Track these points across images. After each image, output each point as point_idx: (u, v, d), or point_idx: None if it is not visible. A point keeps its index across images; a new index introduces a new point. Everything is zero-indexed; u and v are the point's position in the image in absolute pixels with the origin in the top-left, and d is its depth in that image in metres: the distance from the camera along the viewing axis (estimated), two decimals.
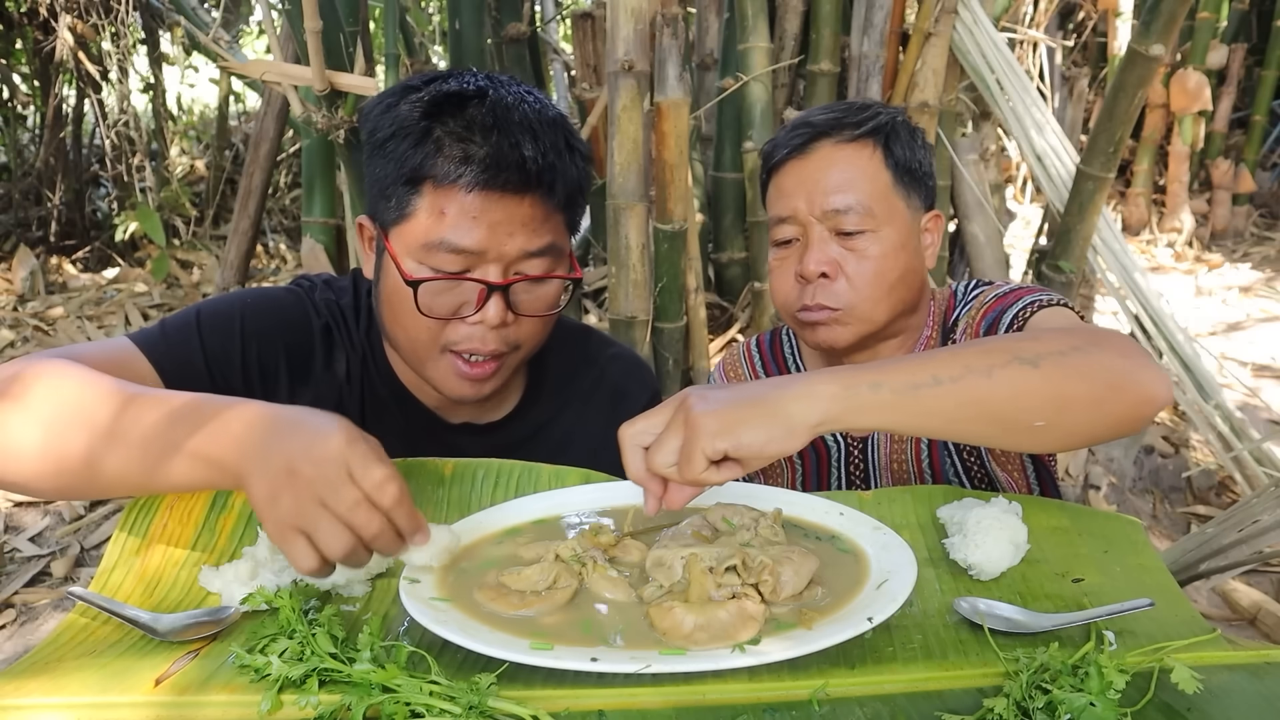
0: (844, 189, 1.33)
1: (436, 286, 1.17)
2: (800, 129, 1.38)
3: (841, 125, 1.36)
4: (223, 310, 1.28)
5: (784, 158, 1.38)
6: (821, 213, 1.34)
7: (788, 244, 1.38)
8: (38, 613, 2.66)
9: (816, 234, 1.34)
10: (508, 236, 1.16)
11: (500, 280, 1.17)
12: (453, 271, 1.16)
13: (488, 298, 1.17)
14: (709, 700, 0.82)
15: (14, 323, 4.69)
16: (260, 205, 3.85)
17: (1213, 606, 2.57)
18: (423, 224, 1.16)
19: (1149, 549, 1.10)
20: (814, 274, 1.34)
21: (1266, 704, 0.83)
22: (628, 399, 1.42)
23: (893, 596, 0.88)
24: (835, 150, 1.35)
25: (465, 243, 1.15)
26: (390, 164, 1.17)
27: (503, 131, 1.14)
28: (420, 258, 1.17)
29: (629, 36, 2.37)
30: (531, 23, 3.75)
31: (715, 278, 3.76)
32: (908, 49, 3.03)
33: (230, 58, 2.76)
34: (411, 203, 1.16)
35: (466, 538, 1.04)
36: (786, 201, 1.37)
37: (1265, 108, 5.87)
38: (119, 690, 0.84)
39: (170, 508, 1.10)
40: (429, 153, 1.14)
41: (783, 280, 1.39)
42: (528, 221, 1.17)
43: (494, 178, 1.14)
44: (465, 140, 1.14)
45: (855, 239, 1.34)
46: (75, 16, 4.13)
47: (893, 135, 1.37)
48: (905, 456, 1.45)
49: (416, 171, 1.15)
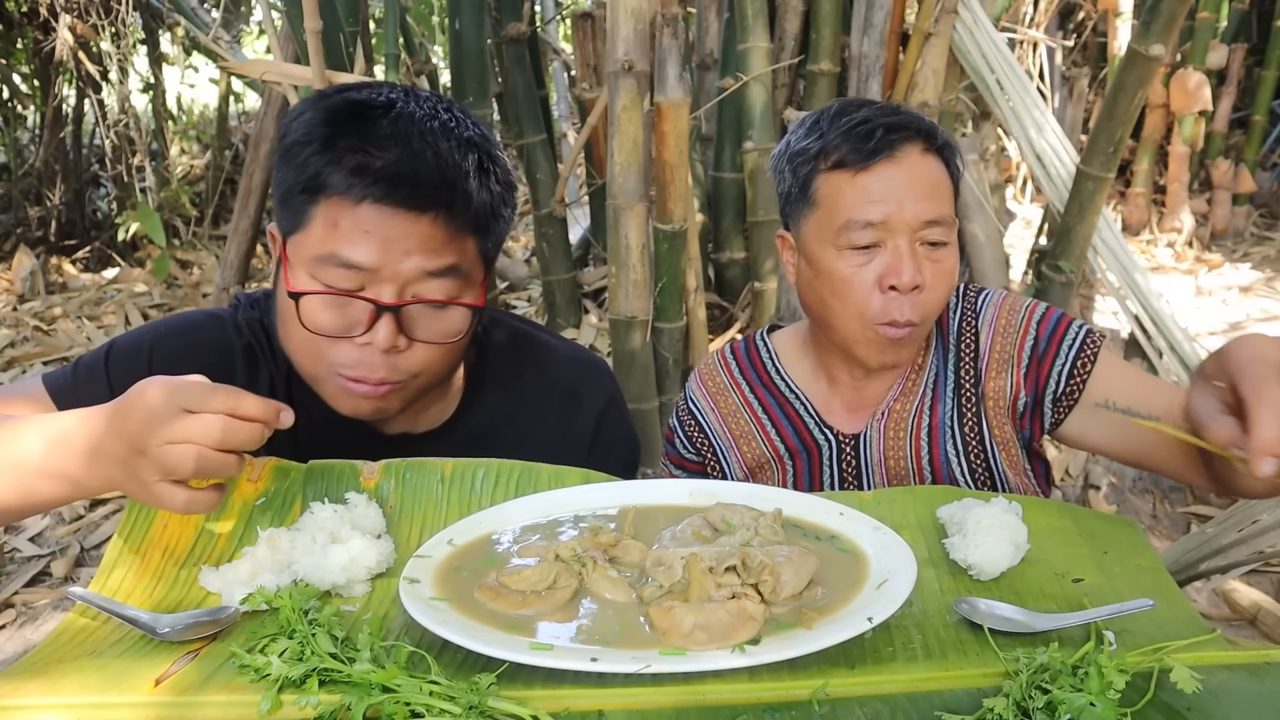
0: (934, 199, 1.30)
1: (322, 301, 1.11)
2: (889, 130, 1.30)
3: (918, 130, 1.32)
4: (133, 343, 1.27)
5: (869, 160, 1.29)
6: (919, 223, 1.28)
7: (865, 249, 1.30)
8: (38, 613, 2.66)
9: (907, 244, 1.29)
10: (404, 255, 1.09)
11: (393, 301, 1.11)
12: (344, 288, 1.10)
13: (377, 318, 1.11)
14: (709, 700, 0.82)
15: (14, 323, 4.69)
16: (260, 205, 3.85)
17: (1213, 606, 2.57)
18: (316, 235, 1.10)
19: (1149, 549, 1.10)
20: (910, 285, 1.28)
21: (1266, 704, 0.83)
22: (581, 401, 1.40)
23: (893, 596, 0.88)
24: (922, 159, 1.30)
25: (356, 258, 1.08)
26: (291, 171, 1.12)
27: (403, 145, 1.09)
28: (312, 270, 1.11)
29: (629, 36, 2.37)
30: (531, 23, 3.75)
31: (715, 278, 3.76)
32: (908, 49, 3.03)
33: (230, 58, 2.76)
34: (308, 212, 1.11)
35: (466, 538, 1.04)
36: (876, 207, 1.28)
37: (1265, 108, 5.87)
38: (119, 690, 0.84)
39: None
40: (327, 161, 1.09)
41: (859, 286, 1.30)
42: (426, 242, 1.10)
43: (389, 192, 1.08)
44: (362, 151, 1.08)
45: (937, 250, 1.31)
46: (75, 16, 4.13)
47: (953, 150, 1.36)
48: (903, 454, 1.44)
49: (314, 180, 1.10)
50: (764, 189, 3.24)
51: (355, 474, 1.16)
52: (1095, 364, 1.36)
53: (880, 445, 1.45)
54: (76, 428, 0.97)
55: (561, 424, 1.39)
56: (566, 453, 1.24)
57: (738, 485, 1.14)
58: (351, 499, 1.08)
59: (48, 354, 4.36)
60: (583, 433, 1.39)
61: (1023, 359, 1.39)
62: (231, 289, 3.79)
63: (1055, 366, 1.37)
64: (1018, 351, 1.39)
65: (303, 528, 1.02)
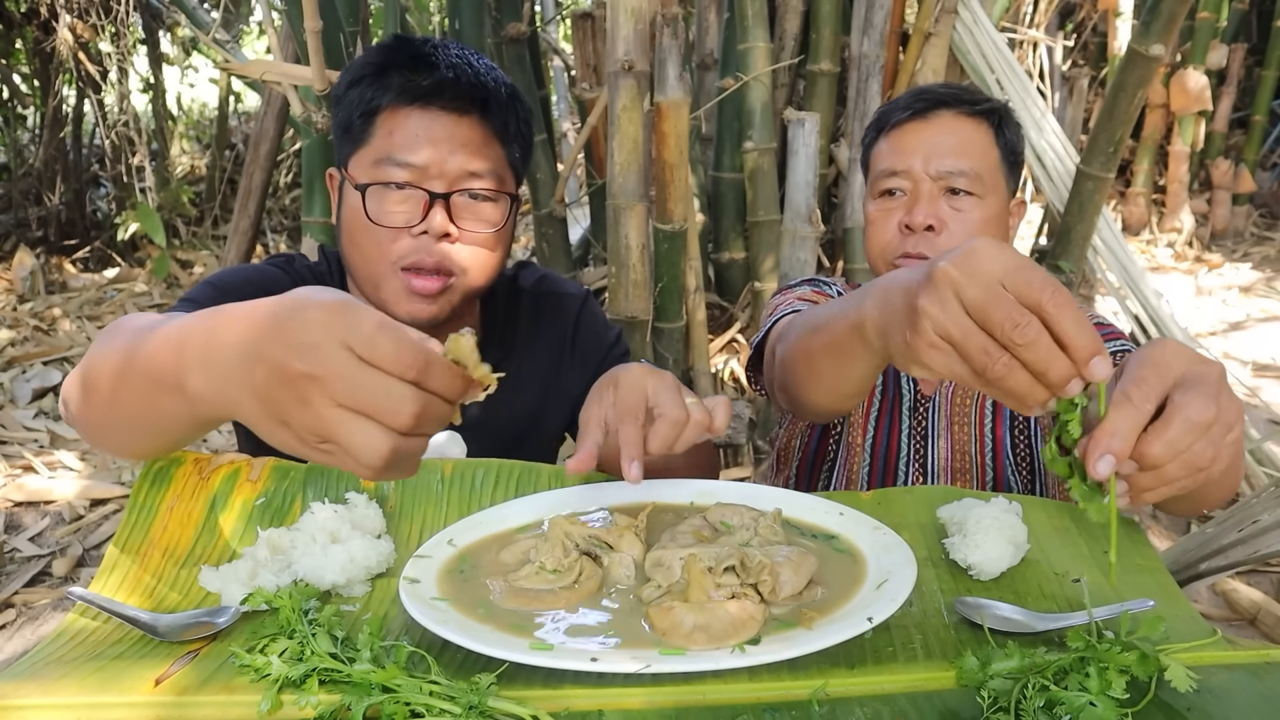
0: (960, 153, 1.41)
1: (384, 194, 1.28)
2: (923, 96, 1.47)
3: (961, 100, 1.45)
4: (251, 272, 1.41)
5: (905, 119, 1.45)
6: (937, 171, 1.41)
7: (891, 195, 1.45)
8: (38, 613, 2.66)
9: (927, 189, 1.41)
10: (449, 154, 1.28)
11: (443, 189, 1.28)
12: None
13: (430, 206, 1.27)
14: (709, 700, 0.83)
15: (14, 322, 4.69)
16: (260, 205, 3.85)
17: (1213, 606, 2.57)
18: (375, 145, 1.30)
19: (1149, 549, 1.11)
20: (921, 225, 1.39)
21: (1266, 704, 0.83)
22: (561, 309, 1.55)
23: (893, 596, 0.88)
24: (955, 120, 1.44)
25: (410, 158, 1.27)
26: (349, 106, 1.32)
27: (447, 63, 1.30)
28: (370, 175, 1.29)
29: (629, 36, 2.37)
30: (531, 23, 3.74)
31: (715, 278, 3.76)
32: (908, 49, 3.03)
33: (230, 58, 2.76)
34: (366, 131, 1.31)
35: (466, 538, 1.04)
36: (902, 157, 1.43)
37: (1265, 108, 5.87)
38: (119, 690, 0.84)
39: (170, 509, 1.10)
40: (381, 85, 1.29)
41: (883, 229, 1.44)
42: (467, 142, 1.30)
43: (434, 98, 1.28)
44: (414, 71, 1.29)
45: (962, 199, 1.41)
46: (75, 16, 4.13)
47: (1005, 119, 1.47)
48: (968, 423, 1.50)
49: (370, 103, 1.30)
50: (764, 189, 3.24)
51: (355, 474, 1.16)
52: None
53: (947, 412, 1.51)
54: (196, 330, 0.78)
55: (548, 334, 1.53)
56: (556, 358, 1.42)
57: (738, 485, 1.14)
58: (351, 499, 1.08)
59: (48, 354, 4.36)
60: (564, 335, 1.54)
61: None
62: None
63: None
64: None
65: (303, 528, 1.02)
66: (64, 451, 3.53)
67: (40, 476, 3.35)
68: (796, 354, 1.18)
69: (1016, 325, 0.74)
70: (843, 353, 1.03)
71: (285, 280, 1.40)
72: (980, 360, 0.76)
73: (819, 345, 1.09)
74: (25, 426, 3.74)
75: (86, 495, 3.25)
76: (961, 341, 0.77)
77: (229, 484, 1.13)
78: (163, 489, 1.12)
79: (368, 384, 0.69)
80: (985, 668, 0.84)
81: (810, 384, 1.16)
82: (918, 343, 0.81)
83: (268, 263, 1.45)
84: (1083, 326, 0.74)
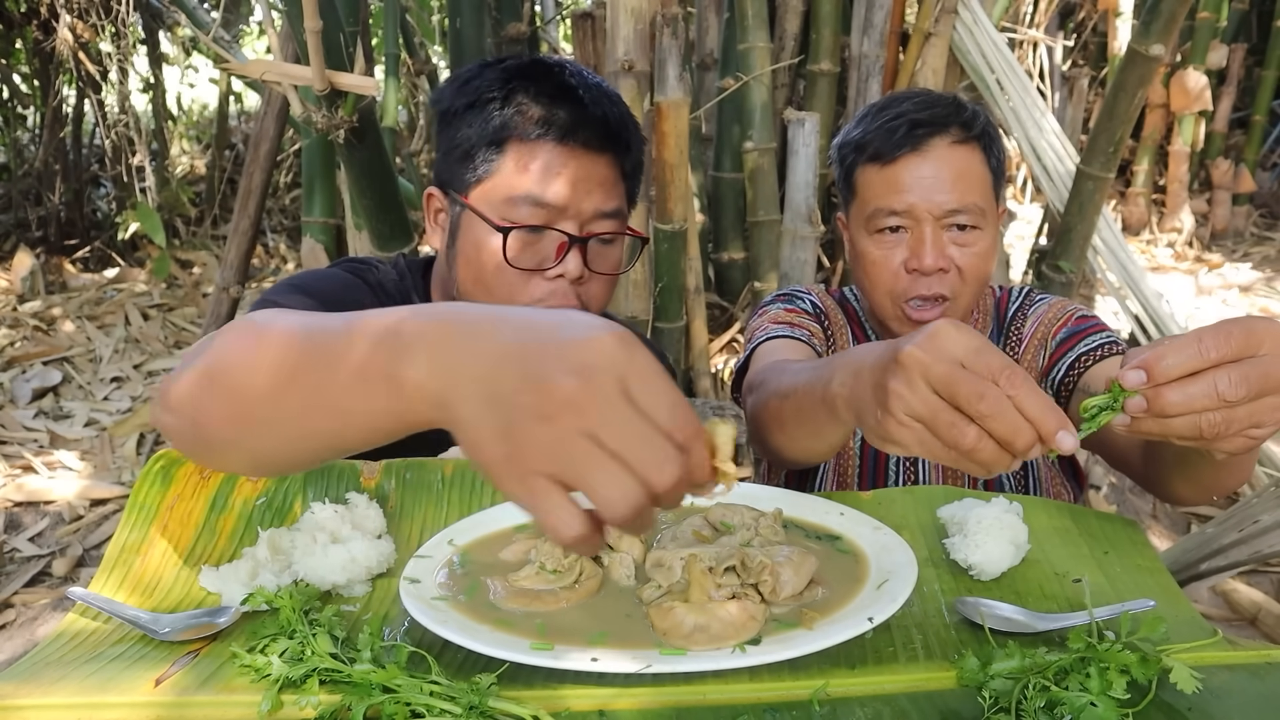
0: (962, 190, 1.38)
1: (521, 237, 1.23)
2: (914, 125, 1.38)
3: (950, 124, 1.40)
4: (332, 277, 1.33)
5: (897, 151, 1.39)
6: (942, 211, 1.38)
7: (891, 231, 1.41)
8: (38, 613, 2.66)
9: (930, 230, 1.38)
10: (585, 194, 1.24)
11: (578, 234, 1.24)
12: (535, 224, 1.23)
13: (568, 250, 1.23)
14: (709, 700, 0.82)
15: (14, 322, 4.69)
16: (260, 205, 3.84)
17: (1213, 607, 2.57)
18: (506, 180, 1.23)
19: (1149, 549, 1.11)
20: (932, 269, 1.38)
21: (1266, 704, 0.83)
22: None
23: (893, 596, 0.88)
24: (951, 150, 1.39)
25: (548, 196, 1.22)
26: (473, 129, 1.25)
27: (586, 93, 1.24)
28: (503, 212, 1.23)
29: (629, 36, 2.37)
30: (531, 23, 3.74)
31: (715, 278, 3.76)
32: (908, 49, 3.03)
33: (230, 58, 2.76)
34: (494, 161, 1.24)
35: (466, 538, 1.04)
36: (901, 196, 1.39)
37: (1265, 108, 5.87)
38: (119, 690, 0.84)
39: (170, 508, 1.10)
40: (513, 113, 1.23)
41: (886, 267, 1.42)
42: (603, 181, 1.26)
43: (576, 134, 1.22)
44: (550, 101, 1.23)
45: (966, 234, 1.39)
46: (75, 16, 4.12)
47: (992, 136, 1.45)
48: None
49: (500, 131, 1.23)
50: (764, 189, 3.24)
51: (355, 474, 1.16)
52: (1099, 363, 1.39)
53: None
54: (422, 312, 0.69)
55: None
56: None
57: (738, 485, 1.14)
58: (352, 499, 1.08)
59: (48, 354, 4.36)
60: None
61: (1050, 346, 1.48)
62: (231, 289, 3.78)
63: (1066, 357, 1.43)
64: (1050, 339, 1.48)
65: (303, 528, 1.02)
66: (64, 451, 3.53)
67: (40, 476, 3.35)
68: (768, 415, 1.19)
69: (981, 397, 0.77)
70: (813, 421, 1.06)
71: (367, 292, 1.34)
72: (950, 435, 0.79)
73: (789, 411, 1.11)
74: (25, 426, 3.74)
75: (86, 495, 3.25)
76: (930, 419, 0.80)
77: (229, 484, 1.13)
78: (163, 489, 1.12)
79: (634, 429, 0.60)
80: (986, 668, 0.84)
81: (784, 442, 1.18)
82: (888, 422, 0.84)
83: (344, 268, 1.39)
84: (1042, 403, 0.77)
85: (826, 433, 1.08)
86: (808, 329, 1.50)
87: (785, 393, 1.12)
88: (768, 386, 1.21)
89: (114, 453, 3.54)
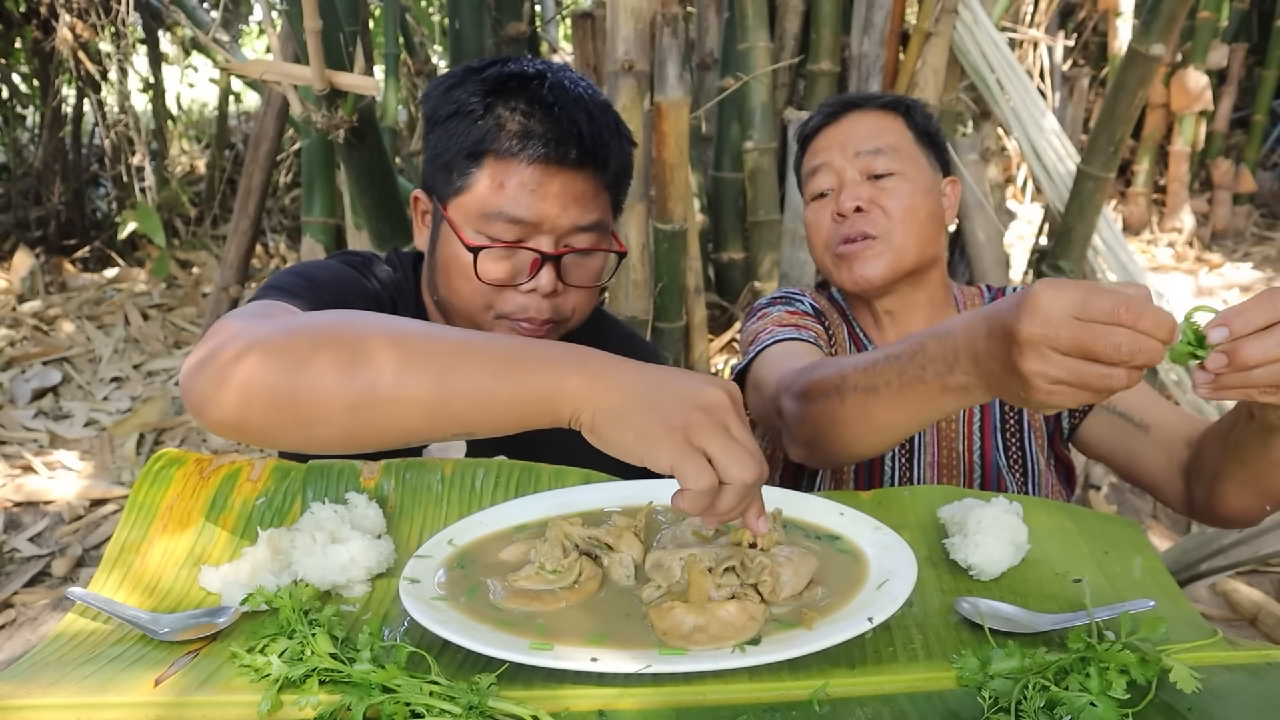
0: (873, 138, 1.48)
1: (494, 254, 1.24)
2: (830, 104, 1.55)
3: (868, 99, 1.54)
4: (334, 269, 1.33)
5: (818, 125, 1.53)
6: (854, 155, 1.47)
7: (823, 196, 1.51)
8: (38, 613, 2.66)
9: (850, 176, 1.47)
10: (562, 210, 1.24)
11: (553, 250, 1.25)
12: (509, 240, 1.23)
13: (540, 266, 1.24)
14: (709, 700, 0.82)
15: (13, 322, 4.69)
16: (260, 205, 3.85)
17: (1213, 607, 2.57)
18: (482, 195, 1.24)
19: (1149, 549, 1.10)
20: (850, 208, 1.44)
21: (1266, 704, 0.83)
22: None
23: (893, 597, 0.88)
24: (863, 115, 1.51)
25: (522, 214, 1.22)
26: (452, 139, 1.25)
27: (562, 109, 1.23)
28: (478, 227, 1.24)
29: (629, 36, 2.37)
30: (531, 22, 3.74)
31: (715, 278, 3.76)
32: (908, 49, 3.03)
33: (230, 57, 2.76)
34: (472, 175, 1.24)
35: (466, 538, 1.04)
36: (821, 155, 1.51)
37: (1266, 107, 5.87)
38: (118, 690, 0.84)
39: (170, 508, 1.10)
40: (491, 128, 1.23)
41: (819, 225, 1.50)
42: (580, 196, 1.25)
43: (553, 152, 1.22)
44: (527, 116, 1.22)
45: (886, 180, 1.46)
46: (75, 16, 4.12)
47: (912, 108, 1.54)
48: (955, 416, 1.51)
49: (478, 145, 1.23)
50: (764, 189, 3.24)
51: (355, 474, 1.16)
52: None
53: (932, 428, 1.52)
54: (565, 344, 0.91)
55: None
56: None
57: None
58: (351, 499, 1.08)
59: (48, 354, 4.36)
60: None
61: None
62: (231, 289, 3.79)
63: None
64: None
65: (303, 528, 1.02)
66: (64, 451, 3.53)
67: (40, 476, 3.35)
68: (832, 415, 1.16)
69: (1117, 348, 0.81)
70: (917, 412, 1.08)
71: (372, 288, 1.36)
72: (1102, 384, 0.83)
73: (879, 406, 1.10)
74: (25, 426, 3.74)
75: (86, 495, 3.25)
76: (1078, 380, 0.84)
77: (229, 484, 1.13)
78: (163, 489, 1.12)
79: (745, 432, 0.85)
80: (986, 668, 0.84)
81: (857, 436, 1.16)
82: (1035, 395, 0.88)
83: (342, 261, 1.39)
84: (1160, 321, 0.81)
85: (929, 419, 1.10)
86: (813, 330, 1.51)
87: (870, 387, 1.10)
88: (826, 385, 1.18)
89: (114, 453, 3.54)
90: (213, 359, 0.94)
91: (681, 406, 0.83)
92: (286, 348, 0.91)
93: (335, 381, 0.87)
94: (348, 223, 3.33)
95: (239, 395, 0.91)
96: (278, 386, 0.89)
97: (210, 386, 0.93)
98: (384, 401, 0.87)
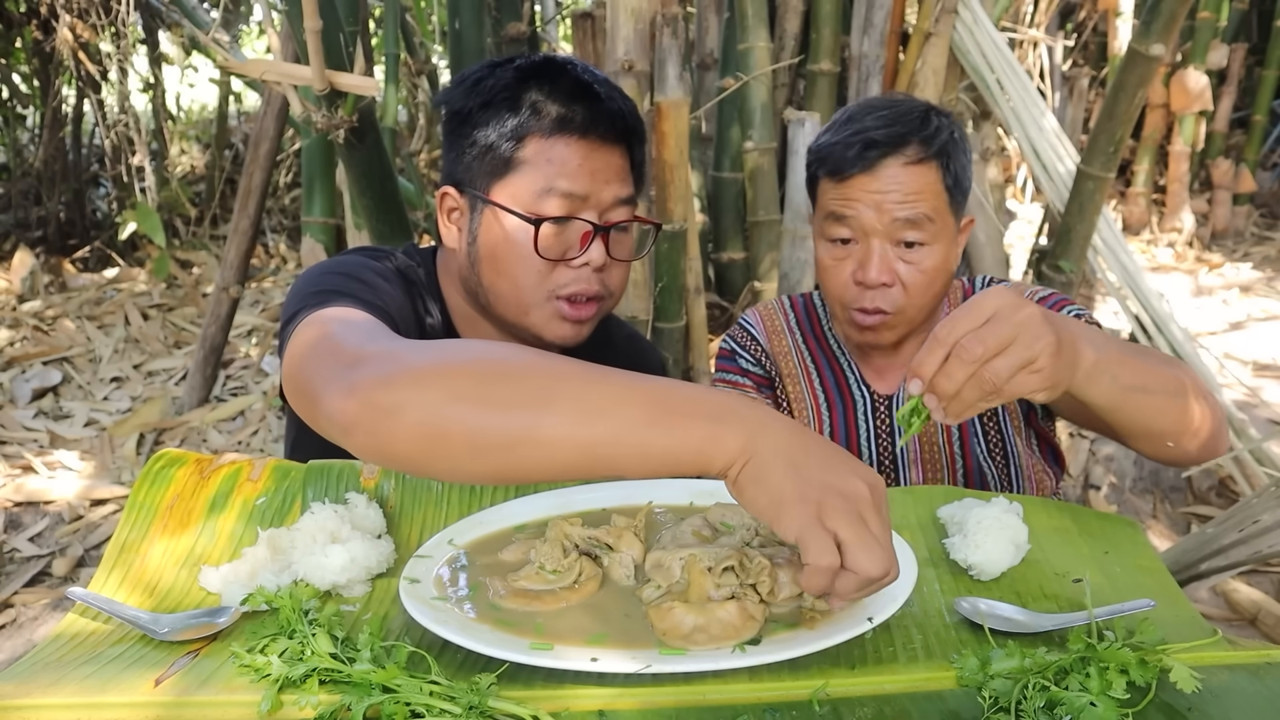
0: (910, 206, 1.40)
1: (549, 228, 1.28)
2: (868, 146, 1.40)
3: (907, 142, 1.40)
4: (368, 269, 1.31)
5: (853, 167, 1.41)
6: (887, 227, 1.41)
7: (843, 242, 1.46)
8: (37, 613, 2.66)
9: (878, 245, 1.42)
10: (604, 184, 1.31)
11: (599, 222, 1.31)
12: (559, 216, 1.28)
13: (591, 239, 1.30)
14: (709, 700, 0.83)
15: (13, 322, 4.69)
16: (260, 205, 3.84)
17: (1213, 607, 2.57)
18: (530, 175, 1.28)
19: (1149, 549, 1.11)
20: (876, 282, 1.42)
21: (1266, 704, 0.83)
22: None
23: (893, 596, 0.88)
24: (903, 170, 1.40)
25: (573, 188, 1.28)
26: (490, 128, 1.29)
27: (599, 88, 1.31)
28: (529, 206, 1.28)
29: (629, 36, 2.37)
30: (531, 23, 3.74)
31: (715, 278, 3.76)
32: (908, 49, 3.03)
33: (230, 57, 2.76)
34: (517, 158, 1.29)
35: (466, 538, 1.04)
36: (852, 206, 1.43)
37: (1266, 107, 5.86)
38: (118, 690, 0.84)
39: (170, 508, 1.10)
40: (530, 111, 1.28)
41: (838, 277, 1.47)
42: (620, 171, 1.33)
43: (594, 128, 1.29)
44: (567, 97, 1.29)
45: (914, 250, 1.42)
46: (75, 16, 4.12)
47: (953, 152, 1.43)
48: (933, 425, 1.51)
49: (520, 129, 1.28)
50: (764, 189, 3.24)
51: (355, 474, 1.16)
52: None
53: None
54: (718, 392, 0.90)
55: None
56: None
57: None
58: (351, 499, 1.08)
59: (48, 354, 4.36)
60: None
61: None
62: (231, 289, 3.78)
63: None
64: None
65: (303, 528, 1.02)
66: (64, 451, 3.53)
67: (40, 476, 3.35)
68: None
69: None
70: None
71: (393, 276, 1.35)
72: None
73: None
74: (25, 426, 3.74)
75: (86, 495, 3.25)
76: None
77: (229, 484, 1.13)
78: (163, 489, 1.12)
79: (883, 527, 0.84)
80: (986, 668, 0.84)
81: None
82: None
83: (365, 255, 1.38)
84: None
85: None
86: (748, 389, 1.59)
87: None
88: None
89: (114, 453, 3.54)
90: (358, 383, 0.89)
91: (822, 482, 0.82)
92: (442, 380, 0.87)
93: (491, 420, 0.84)
94: (348, 223, 3.33)
95: (387, 422, 0.87)
96: (429, 420, 0.85)
97: (361, 412, 0.88)
98: (539, 442, 0.84)
